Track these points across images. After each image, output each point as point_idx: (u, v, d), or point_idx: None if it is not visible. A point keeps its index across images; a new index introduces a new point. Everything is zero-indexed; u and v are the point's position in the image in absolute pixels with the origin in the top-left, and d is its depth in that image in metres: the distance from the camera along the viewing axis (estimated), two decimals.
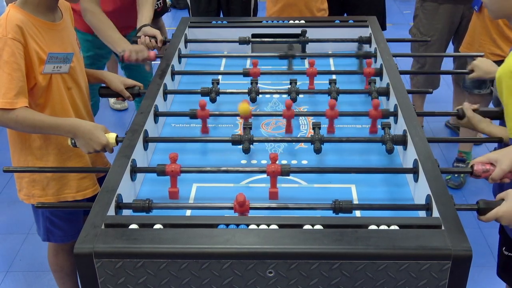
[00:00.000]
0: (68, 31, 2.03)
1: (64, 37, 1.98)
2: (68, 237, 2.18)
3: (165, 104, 2.19)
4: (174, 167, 1.68)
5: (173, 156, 1.69)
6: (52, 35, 1.92)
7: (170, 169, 1.68)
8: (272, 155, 1.67)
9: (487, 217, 1.47)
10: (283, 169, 1.65)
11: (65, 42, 1.98)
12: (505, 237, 1.98)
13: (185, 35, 2.65)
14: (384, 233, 1.36)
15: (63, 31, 1.99)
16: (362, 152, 1.93)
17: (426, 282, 1.33)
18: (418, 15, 3.51)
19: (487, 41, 3.05)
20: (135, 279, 1.35)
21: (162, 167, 1.69)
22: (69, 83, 2.00)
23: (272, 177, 1.66)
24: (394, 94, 2.04)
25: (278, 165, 1.66)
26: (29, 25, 1.84)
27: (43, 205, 1.70)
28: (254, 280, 1.34)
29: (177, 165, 1.69)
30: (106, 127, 1.89)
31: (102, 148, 1.85)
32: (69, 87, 2.00)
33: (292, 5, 3.09)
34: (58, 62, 1.91)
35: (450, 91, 4.01)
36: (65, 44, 1.97)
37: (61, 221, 2.13)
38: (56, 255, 2.27)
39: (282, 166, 1.66)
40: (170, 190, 1.70)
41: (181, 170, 1.69)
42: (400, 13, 6.24)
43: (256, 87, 2.17)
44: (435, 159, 1.66)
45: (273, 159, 1.67)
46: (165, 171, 1.68)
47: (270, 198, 1.67)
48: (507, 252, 2.00)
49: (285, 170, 1.66)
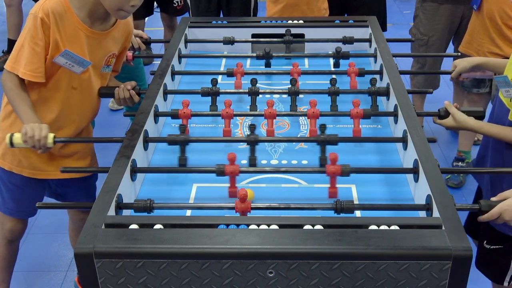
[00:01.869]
0: (102, 45, 2.03)
1: (91, 46, 1.98)
2: (6, 208, 2.19)
3: (165, 104, 2.19)
4: (233, 168, 1.66)
5: (231, 157, 1.66)
6: (79, 37, 1.94)
7: (229, 170, 1.66)
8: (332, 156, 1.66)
9: (491, 213, 1.48)
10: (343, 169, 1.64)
11: (90, 50, 1.98)
12: (486, 230, 2.00)
13: (185, 35, 2.65)
14: (385, 233, 1.36)
15: (95, 41, 1.99)
16: (362, 152, 1.93)
17: (427, 282, 1.33)
18: (418, 15, 3.51)
19: (486, 40, 3.05)
20: (136, 279, 1.35)
21: (222, 167, 1.66)
22: (75, 83, 2.00)
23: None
24: (394, 94, 2.04)
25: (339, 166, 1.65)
26: (62, 17, 1.89)
27: (44, 204, 1.69)
28: (254, 280, 1.34)
29: (236, 165, 1.66)
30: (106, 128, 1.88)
31: (40, 135, 1.81)
32: (75, 87, 2.01)
33: (294, 5, 3.09)
34: (72, 61, 1.94)
35: (450, 91, 4.01)
36: (88, 51, 1.97)
37: (5, 189, 2.15)
38: (1, 220, 2.26)
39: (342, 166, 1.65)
40: (230, 190, 1.68)
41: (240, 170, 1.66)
42: (400, 13, 6.24)
43: (256, 88, 2.17)
44: (435, 159, 1.66)
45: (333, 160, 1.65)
46: (224, 172, 1.66)
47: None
48: (488, 246, 2.02)
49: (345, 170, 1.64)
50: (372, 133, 2.07)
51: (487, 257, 2.02)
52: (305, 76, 2.38)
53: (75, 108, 2.05)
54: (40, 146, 1.83)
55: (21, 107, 1.89)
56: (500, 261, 2.02)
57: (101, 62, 2.06)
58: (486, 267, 2.08)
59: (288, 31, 2.64)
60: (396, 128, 1.99)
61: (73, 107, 2.05)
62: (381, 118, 2.14)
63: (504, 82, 1.83)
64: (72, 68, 1.95)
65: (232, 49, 2.68)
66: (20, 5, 4.81)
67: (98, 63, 2.05)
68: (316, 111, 1.99)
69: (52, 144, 1.83)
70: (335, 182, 1.67)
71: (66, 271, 2.80)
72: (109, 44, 2.06)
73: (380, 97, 2.18)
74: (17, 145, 1.85)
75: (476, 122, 1.92)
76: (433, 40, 3.43)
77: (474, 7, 3.09)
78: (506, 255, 1.99)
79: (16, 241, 2.34)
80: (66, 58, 1.92)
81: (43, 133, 1.81)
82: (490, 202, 1.50)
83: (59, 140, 1.87)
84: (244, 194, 1.52)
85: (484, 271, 2.09)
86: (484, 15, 3.02)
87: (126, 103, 2.12)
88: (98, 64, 2.05)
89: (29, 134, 1.80)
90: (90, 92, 2.08)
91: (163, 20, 4.57)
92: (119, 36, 2.09)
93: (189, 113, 2.00)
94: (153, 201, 1.56)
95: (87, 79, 2.03)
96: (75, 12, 1.92)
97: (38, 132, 1.81)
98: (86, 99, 2.08)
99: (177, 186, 1.77)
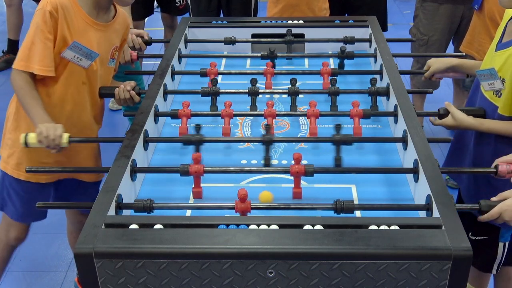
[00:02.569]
0: (107, 37, 2.05)
1: (98, 38, 2.01)
2: (17, 216, 2.19)
3: (165, 104, 2.19)
4: (198, 168, 1.67)
5: (196, 157, 1.68)
6: (86, 30, 1.96)
7: (194, 169, 1.67)
8: (295, 155, 1.67)
9: (491, 213, 1.48)
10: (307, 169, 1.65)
11: (97, 42, 2.00)
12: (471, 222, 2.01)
13: (185, 35, 2.65)
14: (385, 233, 1.36)
15: (101, 33, 2.01)
16: (362, 152, 1.93)
17: (427, 282, 1.33)
18: (418, 15, 3.51)
19: (487, 40, 3.04)
20: (136, 279, 1.35)
21: (186, 167, 1.67)
22: (84, 78, 2.02)
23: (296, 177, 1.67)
24: (394, 94, 2.04)
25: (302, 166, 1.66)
26: (69, 10, 1.91)
27: (44, 204, 1.69)
28: (254, 280, 1.34)
29: (201, 165, 1.67)
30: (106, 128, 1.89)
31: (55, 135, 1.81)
32: (84, 82, 2.02)
33: (294, 5, 3.09)
34: (80, 54, 1.95)
35: (450, 91, 4.01)
36: (95, 43, 1.99)
37: (16, 197, 2.14)
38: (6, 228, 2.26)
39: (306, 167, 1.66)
40: (194, 190, 1.69)
41: (204, 170, 1.68)
42: (400, 13, 6.24)
43: (256, 88, 2.17)
44: (435, 159, 1.66)
45: (296, 159, 1.67)
46: (189, 172, 1.67)
47: (293, 198, 1.68)
48: (473, 237, 2.04)
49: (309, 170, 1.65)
50: (372, 133, 2.07)
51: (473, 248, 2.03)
52: (305, 76, 2.38)
53: (87, 104, 2.07)
54: (55, 146, 1.83)
55: (32, 107, 1.89)
56: (486, 252, 2.05)
57: (107, 55, 2.08)
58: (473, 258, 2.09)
59: (289, 31, 2.64)
60: (396, 128, 1.99)
61: (86, 103, 2.06)
62: (381, 118, 2.14)
63: (490, 74, 1.86)
64: (80, 62, 1.96)
65: (232, 49, 2.68)
66: (20, 5, 4.81)
67: (105, 56, 2.07)
68: (316, 111, 1.99)
69: (66, 144, 1.83)
70: (299, 182, 1.67)
71: (66, 271, 2.80)
72: (113, 37, 2.09)
73: (380, 97, 2.18)
74: (31, 145, 1.85)
75: (476, 120, 1.93)
76: (433, 40, 3.43)
77: (475, 7, 3.09)
78: (492, 245, 2.03)
79: (16, 247, 2.35)
80: (74, 51, 1.93)
81: (58, 132, 1.81)
82: (490, 202, 1.50)
83: (73, 140, 1.86)
84: (244, 194, 1.52)
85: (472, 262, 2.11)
86: (485, 15, 3.02)
87: (126, 103, 2.12)
88: (105, 57, 2.07)
89: (44, 133, 1.80)
90: (97, 87, 2.09)
91: (163, 20, 4.57)
92: (119, 29, 2.12)
93: (189, 113, 2.00)
94: (153, 201, 1.56)
95: (94, 73, 2.04)
96: (80, 5, 1.94)
97: (53, 132, 1.81)
98: (94, 94, 2.09)
99: (177, 186, 1.77)
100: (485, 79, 1.89)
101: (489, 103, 1.91)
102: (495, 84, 1.86)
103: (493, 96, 1.89)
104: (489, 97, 1.91)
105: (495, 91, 1.87)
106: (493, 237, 2.02)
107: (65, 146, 1.84)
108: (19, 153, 2.06)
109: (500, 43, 1.90)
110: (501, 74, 1.84)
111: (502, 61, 1.84)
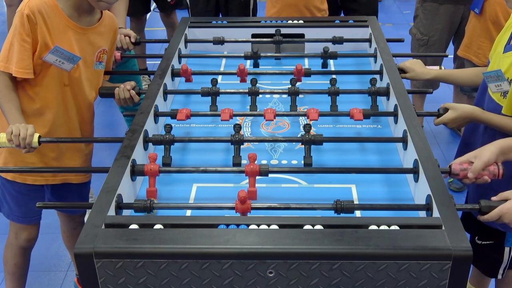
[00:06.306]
0: (90, 40, 2.04)
1: (80, 41, 2.00)
2: (13, 216, 2.19)
3: (165, 104, 2.19)
4: (152, 167, 1.68)
5: (152, 155, 1.70)
6: (67, 33, 1.96)
7: (148, 168, 1.68)
8: (250, 155, 1.68)
9: (490, 215, 1.48)
10: (262, 169, 1.66)
11: (79, 45, 2.00)
12: (477, 226, 2.02)
13: (185, 35, 2.65)
14: (385, 233, 1.36)
15: (83, 36, 2.01)
16: (362, 152, 1.93)
17: (427, 282, 1.32)
18: (418, 15, 3.51)
19: (488, 44, 3.04)
20: (136, 279, 1.35)
21: (141, 167, 1.68)
22: (66, 80, 2.01)
23: (250, 176, 1.67)
24: (394, 94, 2.04)
25: (257, 165, 1.66)
26: (48, 14, 1.90)
27: (44, 204, 1.69)
28: (254, 280, 1.34)
29: (156, 164, 1.68)
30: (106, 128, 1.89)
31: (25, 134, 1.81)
32: (66, 84, 2.02)
33: (291, 5, 3.09)
34: (62, 58, 1.95)
35: (450, 91, 4.01)
36: (77, 47, 1.99)
37: (10, 198, 2.15)
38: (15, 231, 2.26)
39: (261, 166, 1.66)
40: (148, 190, 1.69)
41: (160, 170, 1.68)
42: (400, 13, 6.24)
43: (256, 88, 2.17)
44: (435, 159, 1.66)
45: (251, 158, 1.67)
46: (143, 171, 1.68)
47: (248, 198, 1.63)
48: (480, 241, 2.05)
49: (263, 170, 1.66)
50: (372, 133, 2.07)
51: (479, 252, 2.04)
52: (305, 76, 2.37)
53: (70, 105, 2.06)
54: (25, 145, 1.82)
55: (8, 108, 1.90)
56: (492, 256, 2.05)
57: (92, 58, 2.07)
58: (478, 261, 2.11)
59: (278, 31, 2.63)
60: (396, 128, 1.99)
61: (68, 105, 2.06)
62: (381, 118, 2.14)
63: (496, 76, 1.85)
64: (62, 66, 1.96)
65: (232, 49, 2.68)
66: None
67: (89, 59, 2.06)
68: (316, 111, 1.99)
69: (37, 143, 1.83)
70: (254, 182, 1.67)
71: (66, 271, 2.80)
72: (98, 40, 2.08)
73: (380, 97, 2.18)
74: (1, 144, 1.85)
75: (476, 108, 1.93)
76: (433, 40, 3.43)
77: (475, 11, 3.07)
78: (497, 249, 2.03)
79: (31, 249, 2.35)
80: (56, 55, 1.93)
81: (28, 131, 1.81)
82: (490, 203, 1.50)
83: (44, 140, 1.86)
84: (244, 196, 1.52)
85: (477, 265, 2.14)
86: (487, 18, 3.01)
87: (126, 103, 2.12)
88: (90, 61, 2.06)
89: (14, 132, 1.81)
90: (82, 90, 2.08)
91: (162, 20, 4.58)
92: (106, 31, 2.11)
93: (189, 113, 2.00)
94: (153, 201, 1.56)
95: (77, 76, 2.04)
96: (61, 8, 1.94)
97: (23, 131, 1.81)
98: (79, 97, 2.09)
99: (177, 186, 1.77)
100: (492, 81, 1.87)
101: (497, 105, 1.89)
102: (502, 85, 1.84)
103: (501, 98, 1.87)
104: (496, 99, 1.90)
105: (502, 92, 1.86)
106: (499, 241, 2.01)
107: (36, 146, 1.84)
108: (5, 153, 2.08)
109: (509, 45, 1.89)
110: (508, 75, 1.83)
111: (509, 62, 1.84)
